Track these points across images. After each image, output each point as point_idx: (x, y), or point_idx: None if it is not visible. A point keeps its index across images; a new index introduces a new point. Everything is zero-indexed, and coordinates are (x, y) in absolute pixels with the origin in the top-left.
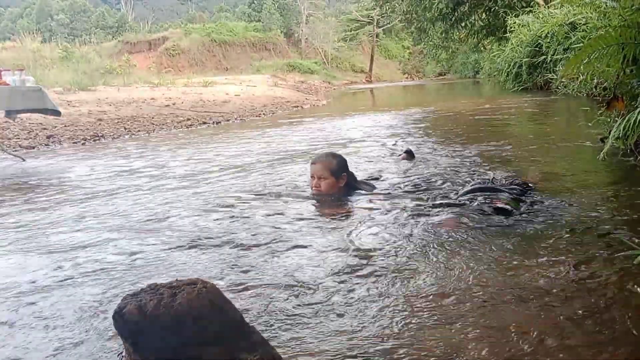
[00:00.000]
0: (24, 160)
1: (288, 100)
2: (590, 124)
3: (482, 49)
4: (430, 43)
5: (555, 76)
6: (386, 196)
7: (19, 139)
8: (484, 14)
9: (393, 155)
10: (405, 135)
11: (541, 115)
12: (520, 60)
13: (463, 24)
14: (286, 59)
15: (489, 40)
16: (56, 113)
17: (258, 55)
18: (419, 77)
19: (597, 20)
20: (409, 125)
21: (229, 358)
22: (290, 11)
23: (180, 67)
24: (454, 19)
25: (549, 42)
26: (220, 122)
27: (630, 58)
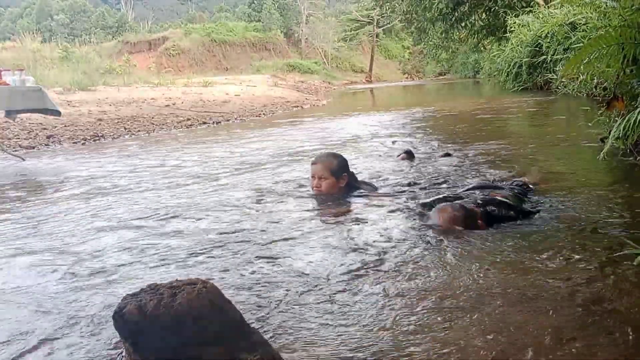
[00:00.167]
0: (24, 160)
1: (288, 100)
2: (590, 124)
3: (482, 49)
4: (430, 43)
5: (555, 76)
6: (387, 196)
7: (19, 139)
8: (484, 14)
9: (393, 155)
10: (405, 135)
11: (541, 115)
12: (520, 60)
13: (463, 24)
14: (286, 59)
15: (489, 40)
16: (56, 113)
17: (258, 55)
18: (419, 77)
19: (597, 20)
20: (409, 125)
21: (229, 358)
22: (290, 11)
23: (180, 67)
24: (454, 19)
25: (549, 42)
26: (220, 122)
27: (630, 58)
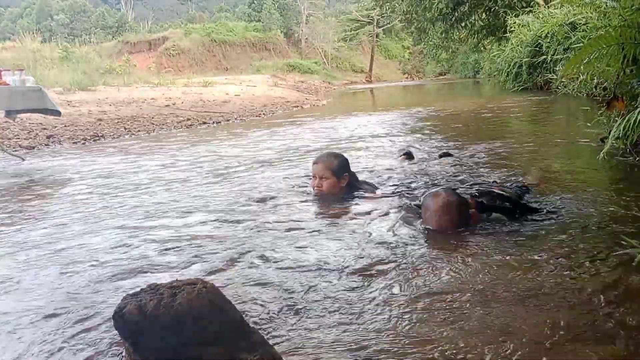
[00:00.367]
0: (24, 160)
1: (288, 100)
2: (590, 124)
3: (482, 49)
4: (430, 43)
5: (555, 76)
6: (387, 196)
7: (19, 139)
8: (484, 14)
9: (393, 155)
10: (406, 135)
11: (541, 115)
12: (520, 60)
13: (463, 24)
14: (286, 59)
15: (489, 40)
16: (56, 113)
17: (258, 55)
18: (419, 77)
19: (597, 20)
20: (409, 124)
21: (229, 358)
22: (290, 11)
23: (180, 67)
24: (454, 19)
25: (549, 42)
26: (220, 122)
27: (630, 58)
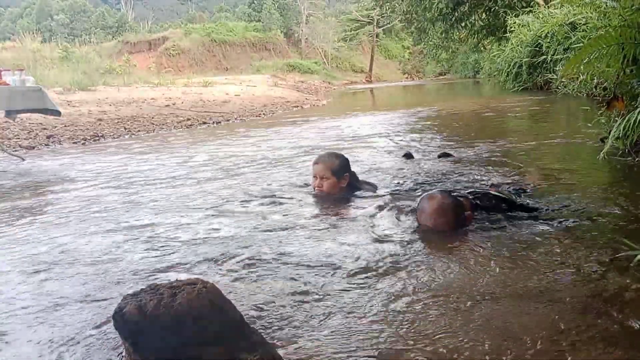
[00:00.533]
0: (24, 160)
1: (288, 100)
2: (590, 124)
3: (482, 49)
4: (430, 43)
5: (555, 76)
6: (387, 196)
7: (19, 139)
8: (484, 14)
9: (393, 155)
10: (405, 135)
11: (541, 115)
12: (520, 60)
13: (463, 24)
14: (286, 59)
15: (489, 40)
16: (56, 113)
17: (258, 55)
18: (419, 77)
19: (597, 20)
20: (409, 124)
21: (229, 358)
22: (290, 11)
23: (180, 67)
24: (454, 19)
25: (549, 42)
26: (220, 122)
27: (630, 58)
